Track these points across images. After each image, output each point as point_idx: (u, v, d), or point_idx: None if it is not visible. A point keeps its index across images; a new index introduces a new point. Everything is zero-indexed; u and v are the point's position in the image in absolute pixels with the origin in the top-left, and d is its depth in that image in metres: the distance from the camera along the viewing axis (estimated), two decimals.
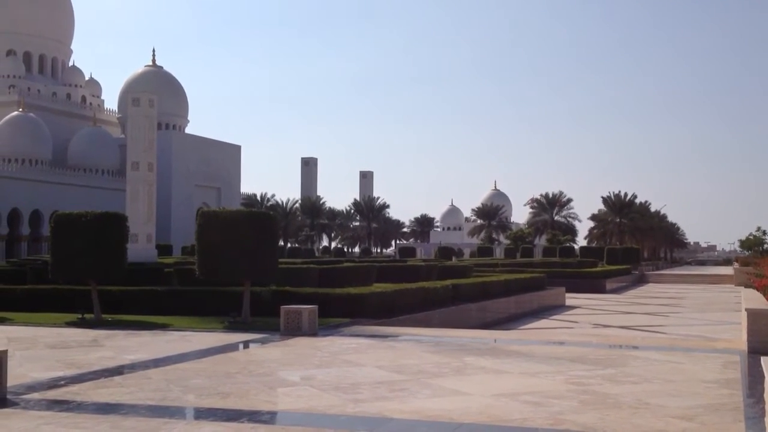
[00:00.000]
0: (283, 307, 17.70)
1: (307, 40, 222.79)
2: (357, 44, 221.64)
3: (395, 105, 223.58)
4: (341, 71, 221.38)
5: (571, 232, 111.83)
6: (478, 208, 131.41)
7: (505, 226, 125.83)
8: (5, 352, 9.92)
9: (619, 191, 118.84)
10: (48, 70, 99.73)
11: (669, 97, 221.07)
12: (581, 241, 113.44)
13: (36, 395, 10.03)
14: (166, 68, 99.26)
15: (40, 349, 14.85)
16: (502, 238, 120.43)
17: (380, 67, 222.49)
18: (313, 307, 17.85)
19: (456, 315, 25.67)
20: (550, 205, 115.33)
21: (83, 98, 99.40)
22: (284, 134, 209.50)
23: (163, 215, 63.82)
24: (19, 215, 74.99)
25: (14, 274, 27.67)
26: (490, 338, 17.79)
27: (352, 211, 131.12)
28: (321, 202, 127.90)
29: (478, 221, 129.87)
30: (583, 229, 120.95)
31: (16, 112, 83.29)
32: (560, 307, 37.68)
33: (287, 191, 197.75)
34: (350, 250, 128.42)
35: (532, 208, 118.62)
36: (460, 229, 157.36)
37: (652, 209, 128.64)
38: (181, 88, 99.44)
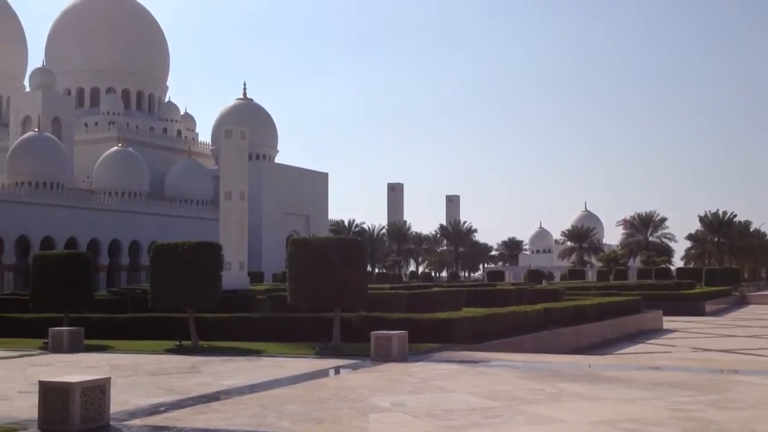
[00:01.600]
0: (374, 333, 17.74)
1: (390, 67, 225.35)
2: (439, 68, 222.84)
3: (481, 127, 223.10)
4: (426, 96, 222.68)
5: (667, 252, 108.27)
6: (568, 230, 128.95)
7: (596, 248, 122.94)
8: (108, 379, 10.27)
9: (717, 210, 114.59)
10: (145, 106, 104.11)
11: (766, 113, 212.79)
12: (677, 262, 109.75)
13: (137, 422, 10.34)
14: (256, 100, 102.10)
15: (140, 376, 15.34)
16: (594, 260, 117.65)
17: (465, 90, 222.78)
18: (403, 332, 17.82)
19: (549, 340, 25.16)
20: (643, 226, 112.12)
21: (178, 132, 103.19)
22: (370, 161, 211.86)
23: (254, 243, 65.26)
24: (119, 246, 78.09)
25: (115, 303, 28.75)
26: (585, 363, 17.35)
27: (439, 235, 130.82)
28: (407, 227, 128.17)
29: (569, 243, 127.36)
30: (679, 249, 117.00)
31: (116, 148, 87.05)
32: (657, 331, 36.43)
33: (374, 217, 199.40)
34: (438, 274, 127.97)
35: (624, 228, 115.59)
36: (549, 251, 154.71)
37: (752, 228, 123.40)
38: (271, 119, 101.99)
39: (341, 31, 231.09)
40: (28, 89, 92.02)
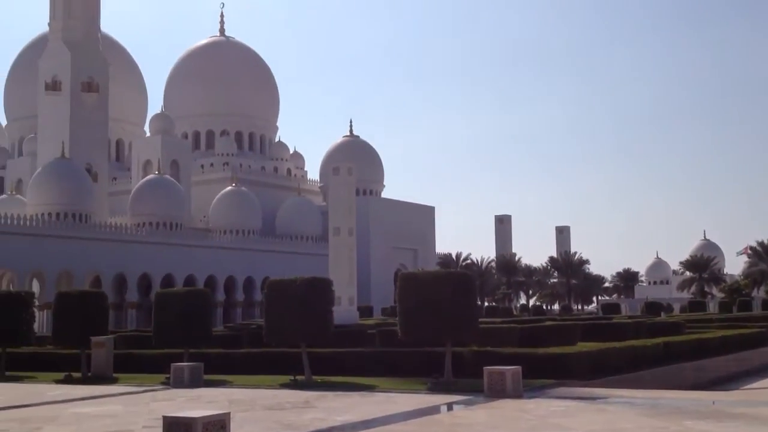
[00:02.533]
0: (486, 368, 17.47)
1: (495, 98, 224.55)
2: (546, 98, 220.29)
3: (590, 156, 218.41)
4: (532, 126, 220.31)
5: None
6: (687, 260, 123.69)
7: (717, 278, 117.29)
8: (227, 414, 10.53)
9: None
10: (257, 146, 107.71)
11: None
12: None
13: None
14: (363, 137, 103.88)
15: (257, 410, 15.64)
16: (715, 291, 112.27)
17: (572, 119, 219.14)
18: (517, 368, 17.47)
19: (669, 375, 24.09)
20: (767, 254, 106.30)
21: (288, 170, 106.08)
22: (477, 193, 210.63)
23: (363, 277, 65.86)
24: (234, 282, 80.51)
25: (232, 339, 29.55)
26: (709, 400, 16.49)
27: (550, 267, 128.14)
28: (516, 259, 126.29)
29: (688, 274, 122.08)
30: None
31: (230, 187, 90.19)
32: None
33: (482, 249, 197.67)
34: (549, 307, 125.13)
35: (747, 257, 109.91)
36: (667, 282, 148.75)
37: None
38: (377, 154, 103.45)
39: (446, 64, 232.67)
40: (148, 134, 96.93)
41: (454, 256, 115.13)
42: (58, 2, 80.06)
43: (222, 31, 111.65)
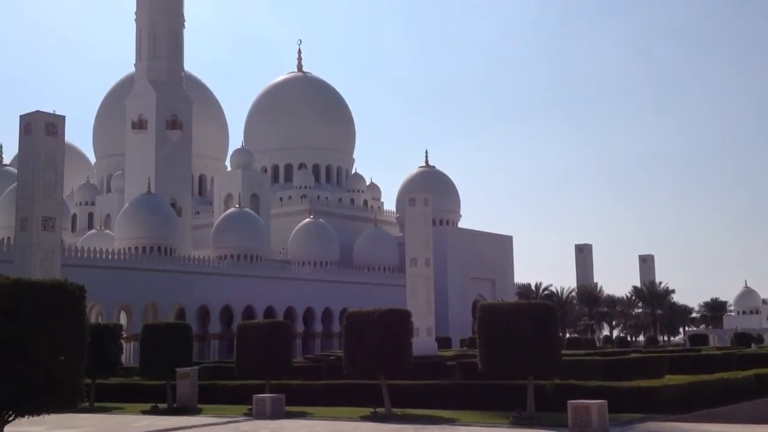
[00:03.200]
0: (571, 402, 17.08)
1: (572, 126, 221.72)
2: (624, 125, 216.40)
3: (674, 183, 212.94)
4: (612, 154, 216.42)
5: None
6: None
7: None
8: None
9: None
10: (334, 178, 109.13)
11: None
12: None
13: None
14: (438, 167, 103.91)
15: None
16: None
17: (652, 145, 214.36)
18: (602, 402, 17.02)
19: (762, 409, 23.02)
20: None
21: (365, 202, 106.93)
22: (556, 221, 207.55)
23: (440, 308, 65.51)
24: (312, 313, 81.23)
25: (311, 370, 29.77)
26: None
27: (633, 297, 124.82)
28: (598, 289, 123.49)
29: None
30: None
31: (308, 219, 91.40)
32: None
33: (562, 279, 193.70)
34: (634, 338, 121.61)
35: None
36: (757, 312, 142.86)
37: None
38: (453, 184, 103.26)
39: (521, 93, 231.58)
40: (229, 169, 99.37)
41: (533, 287, 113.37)
42: (143, 44, 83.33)
43: (299, 67, 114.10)
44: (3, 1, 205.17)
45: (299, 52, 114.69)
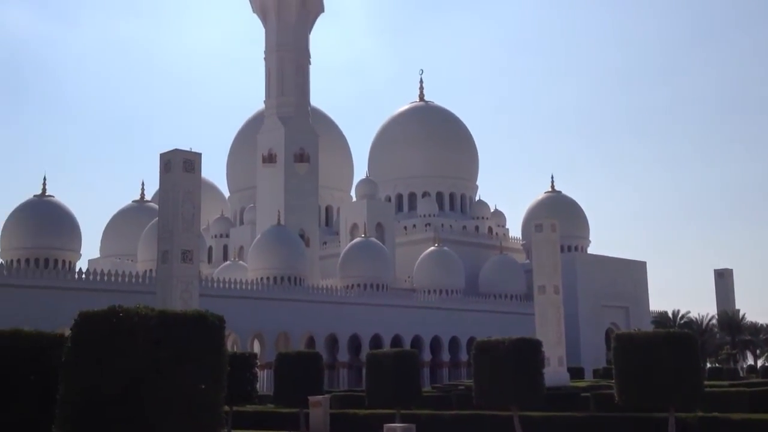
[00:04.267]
0: None
1: (706, 146, 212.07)
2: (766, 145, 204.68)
3: None
4: (754, 172, 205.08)
5: None
6: None
7: None
8: None
9: None
10: (457, 206, 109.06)
11: None
12: None
13: None
14: (565, 192, 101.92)
15: None
16: None
17: None
18: None
19: None
20: None
21: (489, 229, 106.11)
22: (692, 246, 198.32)
23: (571, 337, 63.71)
24: (439, 342, 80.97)
25: (440, 400, 29.63)
26: None
27: None
28: (741, 316, 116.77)
29: None
30: None
31: (432, 248, 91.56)
32: None
33: (700, 306, 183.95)
34: None
35: None
36: None
37: None
38: (581, 209, 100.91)
39: (648, 112, 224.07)
40: (354, 199, 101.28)
41: (670, 314, 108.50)
42: (272, 82, 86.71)
43: (421, 96, 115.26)
44: (141, 46, 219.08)
45: (421, 81, 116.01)
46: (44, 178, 78.56)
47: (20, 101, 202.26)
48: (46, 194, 78.07)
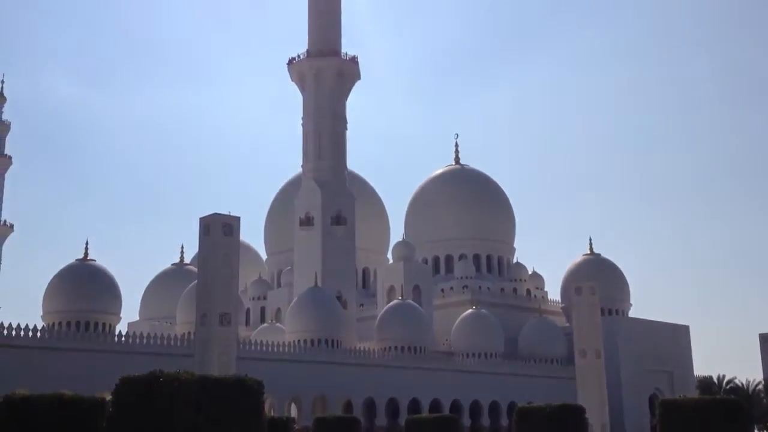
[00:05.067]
0: None
1: (750, 202, 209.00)
2: None
3: None
4: None
5: None
6: None
7: None
8: None
9: None
10: (495, 268, 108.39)
11: None
12: None
13: None
14: (604, 254, 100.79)
15: None
16: None
17: None
18: None
19: None
20: None
21: (528, 291, 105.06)
22: (736, 309, 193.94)
23: (614, 403, 62.18)
24: (478, 406, 79.51)
25: None
26: None
27: None
28: None
29: None
30: None
31: (470, 310, 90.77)
32: None
33: (746, 371, 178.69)
34: None
35: None
36: None
37: None
38: (620, 272, 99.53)
39: (686, 172, 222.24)
40: (391, 261, 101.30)
41: (715, 379, 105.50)
42: (309, 146, 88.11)
43: (457, 159, 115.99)
44: (181, 112, 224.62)
45: (456, 145, 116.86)
46: (86, 242, 80.00)
47: (65, 166, 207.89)
48: (88, 258, 79.40)
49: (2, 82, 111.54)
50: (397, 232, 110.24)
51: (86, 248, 79.41)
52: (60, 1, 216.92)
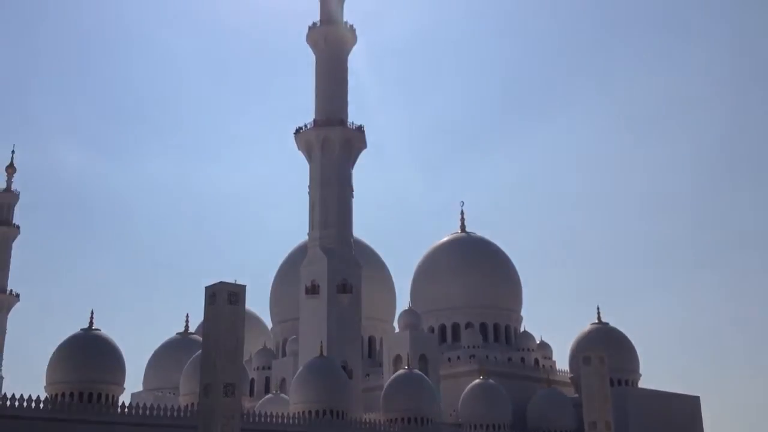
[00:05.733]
0: None
1: (754, 275, 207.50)
2: None
3: None
4: None
5: None
6: None
7: None
8: None
9: None
10: (502, 337, 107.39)
11: None
12: None
13: None
14: (612, 323, 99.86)
15: None
16: None
17: None
18: None
19: None
20: None
21: (536, 361, 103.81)
22: (748, 379, 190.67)
23: None
24: None
25: None
26: None
27: None
28: None
29: None
30: None
31: (477, 380, 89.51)
32: None
33: None
34: None
35: None
36: None
37: None
38: (629, 341, 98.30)
39: (694, 245, 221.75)
40: (397, 330, 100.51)
41: None
42: (315, 215, 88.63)
43: (462, 227, 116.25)
44: (185, 180, 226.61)
45: (462, 213, 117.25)
46: (91, 312, 79.77)
47: (71, 235, 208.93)
48: (93, 328, 79.12)
49: (12, 152, 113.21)
50: (403, 300, 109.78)
51: (91, 317, 79.01)
52: (69, 72, 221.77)
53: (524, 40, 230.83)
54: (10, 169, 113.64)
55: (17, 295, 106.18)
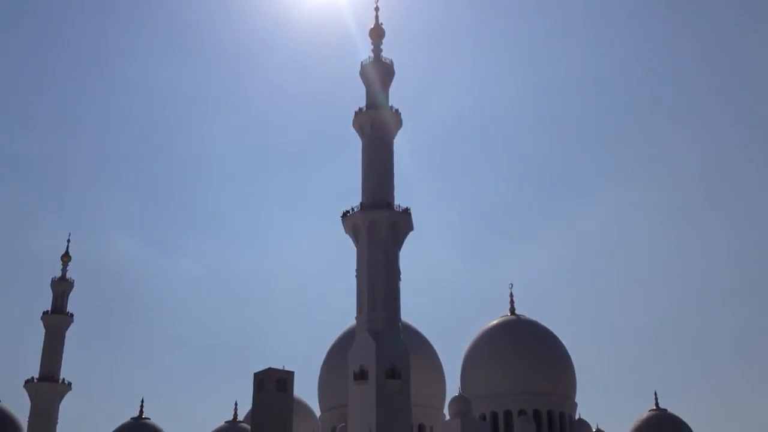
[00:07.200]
0: None
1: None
2: None
3: None
4: None
5: None
6: None
7: None
8: None
9: None
10: (556, 425, 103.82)
11: None
12: None
13: None
14: (670, 410, 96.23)
15: None
16: None
17: None
18: None
19: None
20: None
21: None
22: None
23: None
24: None
25: None
26: None
27: None
28: None
29: None
30: None
31: None
32: None
33: None
34: None
35: None
36: None
37: None
38: (689, 428, 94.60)
39: (749, 323, 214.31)
40: (447, 417, 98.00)
41: None
42: (363, 299, 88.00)
43: (512, 310, 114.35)
44: (235, 269, 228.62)
45: (511, 295, 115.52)
46: (141, 401, 79.68)
47: (122, 323, 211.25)
48: (143, 416, 78.79)
49: (68, 241, 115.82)
50: (453, 386, 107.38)
51: (141, 406, 79.10)
52: (118, 163, 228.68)
53: (569, 122, 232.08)
54: (65, 257, 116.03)
55: (69, 384, 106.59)
